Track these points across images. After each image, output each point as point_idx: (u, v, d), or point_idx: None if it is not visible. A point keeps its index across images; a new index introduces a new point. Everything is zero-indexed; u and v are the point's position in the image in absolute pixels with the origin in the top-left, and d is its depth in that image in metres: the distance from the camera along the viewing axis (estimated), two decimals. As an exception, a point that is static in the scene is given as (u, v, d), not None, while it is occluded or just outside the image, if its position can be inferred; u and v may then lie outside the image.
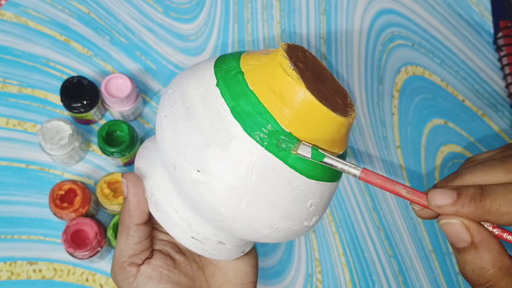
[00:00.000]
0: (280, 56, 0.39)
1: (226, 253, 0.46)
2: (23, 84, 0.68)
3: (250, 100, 0.38)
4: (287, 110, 0.38)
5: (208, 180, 0.39)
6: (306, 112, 0.38)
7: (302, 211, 0.41)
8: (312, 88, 0.38)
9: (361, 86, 0.70)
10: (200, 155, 0.39)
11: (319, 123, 0.38)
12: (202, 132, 0.39)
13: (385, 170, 0.68)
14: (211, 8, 0.72)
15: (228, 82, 0.40)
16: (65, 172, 0.65)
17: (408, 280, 0.65)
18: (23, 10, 0.70)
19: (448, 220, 0.38)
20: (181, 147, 0.39)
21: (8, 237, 0.63)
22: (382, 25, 0.73)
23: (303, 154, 0.39)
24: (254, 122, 0.38)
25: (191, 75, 0.42)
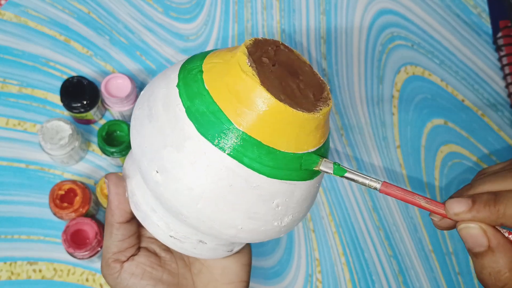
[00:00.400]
0: (240, 53, 0.38)
1: (210, 252, 0.46)
2: (23, 84, 0.68)
3: (204, 100, 0.38)
4: (242, 108, 0.37)
5: (166, 181, 0.39)
6: (262, 110, 0.37)
7: (268, 211, 0.40)
8: (273, 84, 0.38)
9: (361, 86, 0.70)
10: (159, 155, 0.39)
11: (276, 121, 0.37)
12: (161, 133, 0.39)
13: (385, 170, 0.68)
14: (211, 8, 0.72)
15: (187, 82, 0.39)
16: (65, 172, 0.65)
17: (408, 280, 0.65)
18: (23, 10, 0.70)
19: (467, 225, 0.40)
20: (143, 148, 0.40)
21: (8, 237, 0.63)
22: (381, 25, 0.73)
23: (325, 170, 0.40)
24: (207, 122, 0.38)
25: (163, 75, 0.43)
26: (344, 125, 0.69)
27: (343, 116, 0.69)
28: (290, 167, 0.39)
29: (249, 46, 0.39)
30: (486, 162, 0.68)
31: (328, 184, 0.67)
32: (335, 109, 0.69)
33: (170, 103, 0.39)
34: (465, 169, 0.68)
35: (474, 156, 0.69)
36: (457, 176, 0.68)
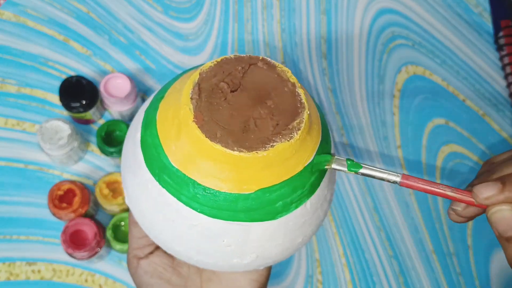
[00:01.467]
0: (189, 81, 0.36)
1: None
2: (22, 83, 0.67)
3: (152, 131, 0.37)
4: (177, 144, 0.35)
5: (130, 202, 0.40)
6: (193, 148, 0.35)
7: (218, 249, 0.38)
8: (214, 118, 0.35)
9: (361, 85, 0.70)
10: (124, 176, 0.40)
11: (210, 160, 0.35)
12: (127, 157, 0.40)
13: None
14: (210, 8, 0.72)
15: (152, 106, 0.39)
16: (64, 172, 0.65)
17: (409, 280, 0.64)
18: (22, 10, 0.70)
19: (499, 207, 0.38)
20: (122, 169, 0.42)
21: (6, 237, 0.62)
22: (382, 25, 0.73)
23: (339, 168, 0.37)
24: (151, 156, 0.37)
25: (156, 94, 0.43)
26: (344, 125, 0.68)
27: (343, 116, 0.69)
28: (233, 208, 0.36)
29: (207, 70, 0.36)
30: (487, 162, 0.68)
31: (328, 184, 0.67)
32: (336, 109, 0.69)
33: (136, 127, 0.39)
34: (466, 169, 0.68)
35: (475, 156, 0.69)
36: (459, 176, 0.68)
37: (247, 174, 0.35)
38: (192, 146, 0.35)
